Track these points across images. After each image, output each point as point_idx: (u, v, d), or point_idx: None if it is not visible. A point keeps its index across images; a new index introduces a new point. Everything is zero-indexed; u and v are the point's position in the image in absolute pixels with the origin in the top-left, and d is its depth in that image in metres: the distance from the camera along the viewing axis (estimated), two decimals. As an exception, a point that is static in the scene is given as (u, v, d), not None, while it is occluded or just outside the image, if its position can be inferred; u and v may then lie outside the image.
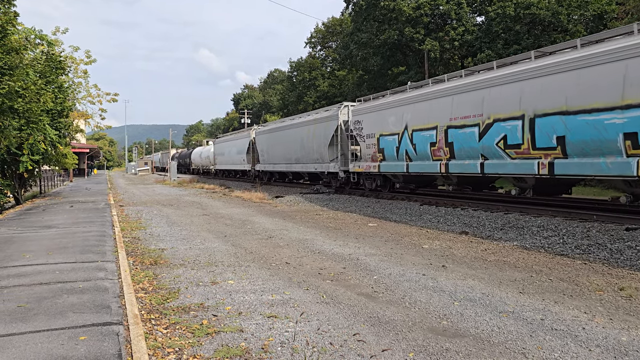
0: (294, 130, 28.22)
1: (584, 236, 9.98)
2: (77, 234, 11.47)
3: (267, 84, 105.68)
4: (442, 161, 15.70)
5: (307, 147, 25.84)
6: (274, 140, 31.73)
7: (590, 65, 10.91)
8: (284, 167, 30.59)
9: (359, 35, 42.14)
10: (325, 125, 24.07)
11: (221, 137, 50.29)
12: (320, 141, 24.33)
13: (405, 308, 5.88)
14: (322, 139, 24.14)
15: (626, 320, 5.38)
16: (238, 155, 39.92)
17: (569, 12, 32.46)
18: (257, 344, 4.72)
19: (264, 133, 34.36)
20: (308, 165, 26.24)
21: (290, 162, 28.95)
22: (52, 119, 21.07)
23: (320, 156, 24.29)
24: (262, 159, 34.42)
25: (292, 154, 28.39)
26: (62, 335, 4.75)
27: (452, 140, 15.24)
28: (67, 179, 45.41)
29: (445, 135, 15.51)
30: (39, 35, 20.22)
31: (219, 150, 47.75)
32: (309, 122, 26.25)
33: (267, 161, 33.49)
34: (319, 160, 24.61)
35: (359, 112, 21.35)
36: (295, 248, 9.97)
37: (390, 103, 19.05)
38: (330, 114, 24.11)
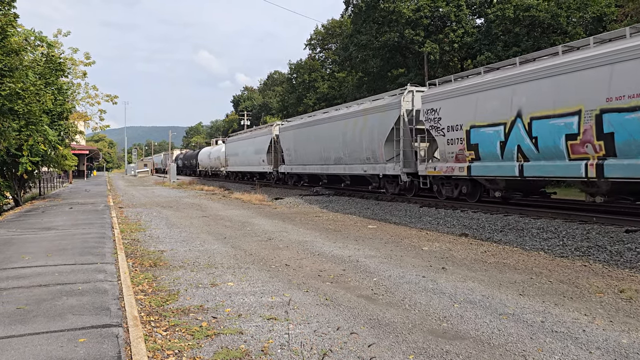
0: (333, 124, 23.58)
1: (584, 238, 9.98)
2: (77, 235, 11.46)
3: (267, 85, 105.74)
4: (589, 161, 11.39)
5: (353, 144, 21.38)
6: (305, 137, 26.89)
7: None
8: (317, 169, 25.78)
9: (359, 37, 42.16)
10: (381, 116, 19.47)
11: (234, 135, 45.71)
12: (372, 136, 19.93)
13: (405, 310, 5.87)
14: (375, 133, 19.70)
15: (626, 323, 5.37)
16: (256, 155, 35.33)
17: (568, 15, 32.50)
18: (257, 346, 4.71)
19: (290, 129, 29.33)
20: (354, 166, 21.68)
21: (326, 162, 24.39)
22: (51, 121, 21.07)
23: (373, 155, 19.92)
24: (288, 159, 29.61)
25: (330, 152, 23.83)
26: (61, 337, 4.74)
27: (611, 130, 10.83)
28: (67, 181, 45.40)
29: (598, 123, 11.08)
30: (38, 37, 20.24)
31: (232, 150, 43.16)
32: (356, 114, 21.53)
33: (294, 162, 28.74)
34: (370, 160, 20.26)
35: (433, 97, 16.72)
36: (295, 250, 9.96)
37: (487, 83, 14.50)
38: (389, 102, 19.36)
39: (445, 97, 16.17)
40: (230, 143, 44.38)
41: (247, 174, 41.24)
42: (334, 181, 26.54)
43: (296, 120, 30.46)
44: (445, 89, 16.33)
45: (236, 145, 42.05)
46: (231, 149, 43.70)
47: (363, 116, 20.88)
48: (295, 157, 28.71)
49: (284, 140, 30.38)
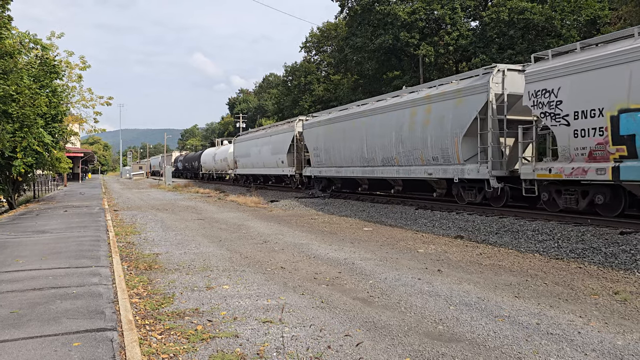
0: (382, 117, 19.20)
1: (579, 240, 10.01)
2: (71, 238, 11.40)
3: (263, 88, 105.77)
4: None
5: (413, 141, 17.18)
6: (339, 134, 22.41)
7: None
8: (357, 172, 21.21)
9: (354, 39, 42.26)
10: (458, 103, 15.16)
11: (244, 134, 40.84)
12: (443, 130, 15.71)
13: (401, 313, 5.87)
14: (448, 126, 15.52)
15: (621, 324, 5.39)
16: (273, 156, 30.59)
17: (563, 17, 32.69)
18: (253, 349, 4.70)
19: (318, 125, 24.84)
20: (413, 168, 17.37)
21: (370, 163, 19.97)
22: (46, 123, 21.00)
23: (443, 154, 15.81)
24: (316, 160, 24.96)
25: (376, 152, 19.51)
26: (55, 341, 4.70)
27: None
28: (61, 184, 45.22)
29: None
30: (33, 40, 20.19)
31: (242, 150, 38.06)
32: (416, 102, 17.21)
33: (324, 163, 24.16)
34: (438, 161, 16.08)
35: (546, 74, 12.42)
36: (291, 252, 9.94)
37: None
38: (469, 84, 14.90)
39: (571, 71, 11.83)
40: (240, 143, 39.30)
41: (260, 177, 36.85)
42: (378, 186, 22.33)
43: (324, 114, 25.76)
44: (569, 60, 12.01)
45: (247, 145, 36.78)
46: (241, 150, 38.62)
47: (426, 105, 16.58)
48: (325, 157, 24.01)
49: (310, 138, 25.76)
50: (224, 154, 45.77)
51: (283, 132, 29.56)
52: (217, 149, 50.41)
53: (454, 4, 36.88)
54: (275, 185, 33.95)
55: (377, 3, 39.37)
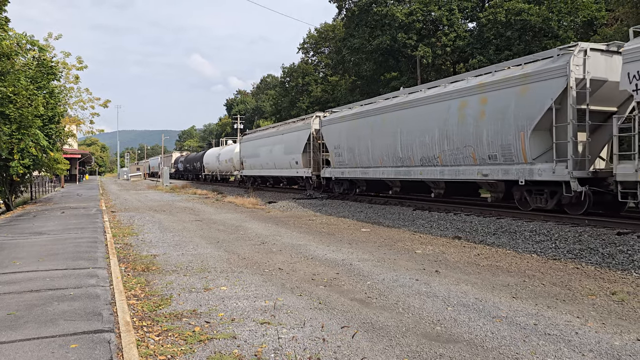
0: (420, 110, 16.77)
1: (576, 241, 10.02)
2: (69, 240, 11.38)
3: (260, 89, 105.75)
4: None
5: (463, 136, 14.72)
6: (366, 130, 19.97)
7: None
8: (389, 173, 18.67)
9: (352, 40, 42.27)
10: (522, 91, 12.83)
11: (252, 133, 37.80)
12: (504, 123, 13.24)
13: (399, 313, 5.87)
14: (511, 118, 13.05)
15: (619, 325, 5.40)
16: (286, 156, 28.00)
17: (560, 19, 32.76)
18: (250, 350, 4.69)
19: (341, 120, 22.14)
20: (461, 169, 14.97)
21: (406, 163, 17.58)
22: (43, 125, 20.96)
23: (505, 151, 13.33)
24: (338, 160, 22.41)
25: (413, 150, 17.05)
26: (52, 343, 4.69)
27: None
28: (59, 185, 45.13)
29: None
30: (30, 41, 20.14)
31: (249, 150, 35.33)
32: (467, 91, 14.60)
33: (347, 163, 21.65)
34: (497, 159, 13.66)
35: None
36: (289, 254, 9.94)
37: None
38: (541, 68, 12.52)
39: None
40: (248, 142, 36.35)
41: (269, 179, 34.07)
42: (413, 189, 19.82)
43: (345, 109, 23.29)
44: None
45: (255, 145, 33.91)
46: (248, 149, 35.73)
47: (480, 94, 14.14)
48: (348, 157, 21.49)
49: (330, 136, 23.15)
50: (228, 154, 43.27)
51: (297, 130, 26.73)
52: (221, 149, 47.57)
53: (451, 5, 36.92)
54: (287, 188, 31.40)
55: (375, 4, 39.40)
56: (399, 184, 19.75)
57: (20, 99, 17.42)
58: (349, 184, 23.08)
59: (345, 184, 23.25)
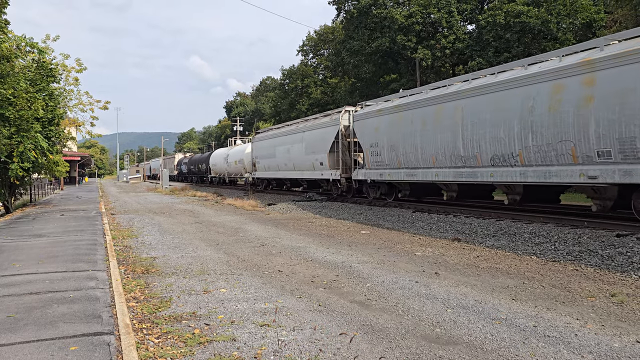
0: (492, 97, 13.74)
1: (576, 242, 10.03)
2: (68, 242, 11.37)
3: (260, 91, 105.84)
4: None
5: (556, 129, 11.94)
6: (414, 124, 17.02)
7: None
8: (446, 175, 15.61)
9: (351, 42, 42.36)
10: None
11: (266, 131, 34.64)
12: (624, 109, 10.42)
13: (399, 316, 5.87)
14: (637, 102, 10.22)
15: (618, 327, 5.40)
16: (308, 156, 25.14)
17: (559, 21, 32.84)
18: (250, 353, 4.69)
19: (379, 114, 19.35)
20: (557, 169, 12.02)
21: (470, 163, 14.55)
22: (42, 127, 20.96)
23: (622, 146, 10.54)
24: (375, 160, 19.59)
25: (481, 146, 14.06)
26: (52, 345, 4.69)
27: None
28: (58, 187, 45.12)
29: None
30: (29, 43, 20.16)
31: (263, 150, 32.24)
32: (563, 72, 11.83)
33: (388, 163, 18.74)
34: (615, 156, 10.70)
35: None
36: (288, 256, 9.94)
37: None
38: None
39: None
40: (262, 141, 33.03)
41: (287, 181, 31.25)
42: (473, 194, 17.00)
43: (381, 102, 20.25)
44: None
45: (271, 144, 30.79)
46: (262, 150, 32.53)
47: (584, 74, 11.32)
48: (389, 156, 18.62)
49: (365, 133, 20.35)
50: (238, 155, 40.00)
51: (322, 127, 23.90)
52: (230, 150, 44.31)
53: (450, 8, 37.02)
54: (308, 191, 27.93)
55: (374, 6, 39.50)
56: (456, 187, 16.63)
57: (20, 101, 17.44)
58: (387, 188, 20.10)
59: (383, 187, 20.30)
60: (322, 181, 25.14)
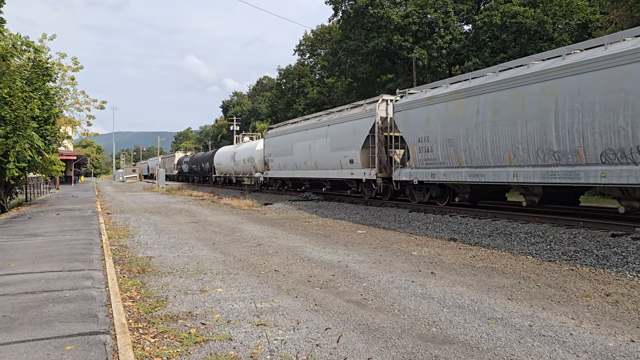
0: (610, 73, 10.52)
1: (571, 242, 10.07)
2: (64, 242, 11.34)
3: (256, 91, 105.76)
4: None
5: None
6: (480, 114, 14.07)
7: None
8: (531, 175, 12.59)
9: (348, 42, 42.35)
10: None
11: (281, 126, 31.01)
12: None
13: (395, 315, 5.88)
14: None
15: (613, 326, 5.43)
16: (334, 153, 21.89)
17: (555, 21, 32.92)
18: (246, 352, 4.69)
19: (430, 102, 16.09)
20: None
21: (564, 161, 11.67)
22: (38, 126, 20.89)
23: None
24: (425, 157, 16.33)
25: (584, 139, 11.15)
26: (47, 345, 4.68)
27: None
28: (54, 187, 44.97)
29: None
30: (25, 42, 20.09)
31: (278, 147, 29.13)
32: None
33: (443, 162, 15.56)
34: None
35: None
36: (284, 255, 9.94)
37: None
38: None
39: None
40: (276, 137, 29.83)
41: (306, 182, 27.84)
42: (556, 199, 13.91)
43: (427, 89, 17.27)
44: None
45: (287, 140, 27.57)
46: (277, 146, 29.35)
47: None
48: (444, 153, 15.40)
49: (411, 124, 17.03)
50: (247, 153, 36.36)
51: (353, 119, 20.73)
52: (237, 147, 40.90)
53: (447, 8, 37.06)
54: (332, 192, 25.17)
55: (371, 6, 39.50)
56: (539, 191, 13.41)
57: (16, 101, 17.37)
58: (439, 191, 16.82)
59: (434, 190, 16.98)
60: (351, 181, 21.85)
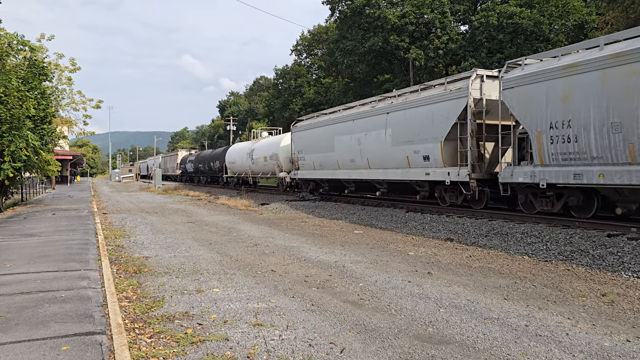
0: None
1: (567, 242, 10.10)
2: (60, 242, 11.31)
3: (253, 91, 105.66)
4: None
5: None
6: None
7: None
8: None
9: (344, 42, 42.38)
10: None
11: (313, 117, 25.59)
12: None
13: (391, 315, 5.88)
14: None
15: (609, 326, 5.44)
16: (398, 147, 17.36)
17: (551, 22, 33.04)
18: (243, 352, 4.69)
19: (563, 73, 11.42)
20: None
21: None
22: (34, 126, 20.81)
23: None
24: (558, 150, 11.76)
25: None
26: (43, 345, 4.67)
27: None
28: (50, 187, 44.82)
29: None
30: (21, 41, 20.02)
31: (311, 141, 24.16)
32: None
33: (594, 156, 10.89)
34: None
35: None
36: (281, 256, 9.93)
37: None
38: None
39: None
40: (308, 131, 24.61)
41: (351, 184, 22.21)
42: None
43: (549, 57, 12.58)
44: None
45: (325, 133, 22.58)
46: (310, 140, 24.26)
47: None
48: (605, 143, 10.67)
49: (534, 106, 12.27)
50: (269, 149, 31.15)
51: (430, 102, 15.89)
52: (256, 143, 34.98)
53: (443, 8, 37.14)
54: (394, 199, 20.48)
55: (368, 7, 39.54)
56: None
57: (11, 100, 17.30)
58: (582, 198, 12.08)
59: (574, 196, 12.17)
60: (423, 184, 17.07)
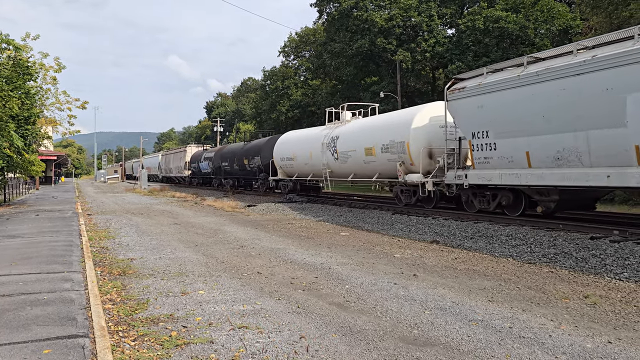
0: None
1: (551, 245, 10.20)
2: (43, 243, 11.17)
3: (241, 92, 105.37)
4: None
5: None
6: None
7: None
8: None
9: (332, 45, 42.46)
10: None
11: (508, 67, 13.03)
12: None
13: (377, 317, 5.89)
14: None
15: (591, 328, 5.51)
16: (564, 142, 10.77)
17: (536, 27, 33.42)
18: (228, 355, 4.67)
19: None
20: None
21: None
22: (18, 126, 20.53)
23: None
24: None
25: None
26: (24, 349, 4.60)
27: None
28: (33, 187, 44.25)
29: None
30: (5, 40, 19.75)
31: (514, 110, 12.19)
32: None
33: None
34: None
35: None
36: (267, 257, 9.91)
37: None
38: None
39: None
40: (512, 90, 12.20)
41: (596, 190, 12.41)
42: None
43: None
44: None
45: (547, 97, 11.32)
46: (501, 115, 12.63)
47: None
48: None
49: None
50: (383, 134, 17.98)
51: None
52: (337, 127, 21.88)
53: (430, 12, 37.39)
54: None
55: (355, 9, 39.68)
56: None
57: (-6, 100, 17.07)
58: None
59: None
60: None
